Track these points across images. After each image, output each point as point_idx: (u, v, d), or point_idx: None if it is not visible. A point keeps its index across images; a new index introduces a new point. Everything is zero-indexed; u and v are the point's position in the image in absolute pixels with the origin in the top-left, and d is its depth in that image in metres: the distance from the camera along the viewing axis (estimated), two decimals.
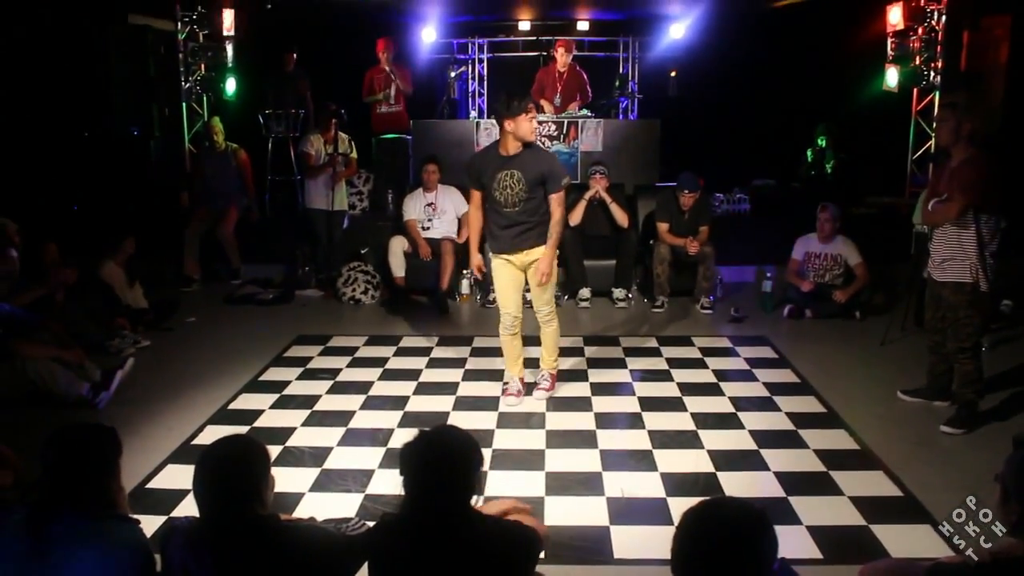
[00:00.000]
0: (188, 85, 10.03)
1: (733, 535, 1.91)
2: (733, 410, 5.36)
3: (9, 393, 5.25)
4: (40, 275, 6.42)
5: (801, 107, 10.65)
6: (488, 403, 5.49)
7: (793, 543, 3.68)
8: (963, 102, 5.02)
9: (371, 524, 2.75)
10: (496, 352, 6.47)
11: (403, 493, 2.43)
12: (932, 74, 9.33)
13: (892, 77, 9.57)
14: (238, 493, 2.39)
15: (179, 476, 4.43)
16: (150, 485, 4.36)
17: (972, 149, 4.83)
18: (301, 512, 3.99)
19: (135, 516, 2.66)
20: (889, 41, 9.60)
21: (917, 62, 9.37)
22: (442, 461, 2.41)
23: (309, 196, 8.76)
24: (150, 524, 3.21)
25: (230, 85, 10.05)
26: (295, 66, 10.52)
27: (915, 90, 9.68)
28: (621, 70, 12.28)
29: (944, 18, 9.17)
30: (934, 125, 4.93)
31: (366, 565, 2.50)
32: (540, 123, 9.38)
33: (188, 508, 4.02)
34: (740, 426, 5.10)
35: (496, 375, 5.98)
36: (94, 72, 9.68)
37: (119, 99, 9.74)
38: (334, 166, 8.55)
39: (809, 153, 10.53)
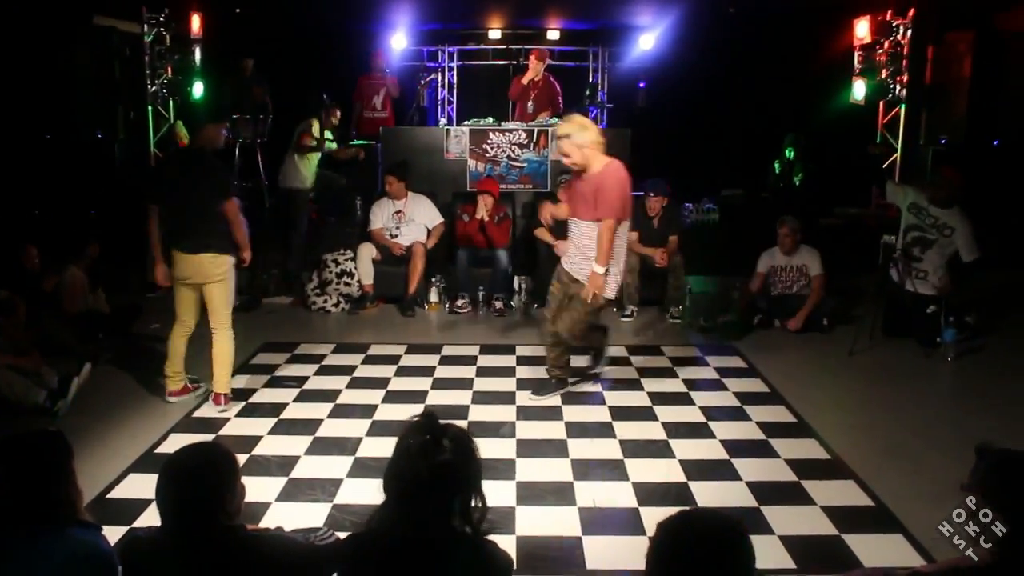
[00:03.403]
0: (154, 88, 9.87)
1: (710, 546, 1.88)
2: (704, 419, 5.35)
3: None
4: (18, 278, 6.32)
5: (769, 119, 10.74)
6: (458, 411, 5.43)
7: (765, 553, 3.66)
8: (572, 130, 5.28)
9: (340, 534, 2.69)
10: (466, 360, 6.46)
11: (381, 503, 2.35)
12: (898, 87, 9.43)
13: (859, 90, 9.66)
14: (203, 502, 2.32)
15: (142, 485, 4.33)
16: (112, 495, 4.26)
17: (601, 164, 5.30)
18: (268, 522, 3.92)
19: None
20: (856, 54, 9.70)
21: (883, 75, 9.47)
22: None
23: (290, 176, 9.13)
24: (111, 534, 3.09)
25: (197, 89, 9.91)
26: (253, 72, 10.46)
27: (881, 103, 9.78)
28: (591, 79, 12.31)
29: (910, 33, 9.27)
30: (563, 158, 5.44)
31: None
32: (510, 131, 9.38)
33: (151, 518, 3.92)
34: (711, 435, 5.09)
35: (467, 383, 5.96)
36: (58, 74, 9.51)
37: (83, 101, 9.57)
38: (321, 149, 9.19)
39: (777, 164, 10.59)
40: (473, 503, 2.38)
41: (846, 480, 4.46)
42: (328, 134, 9.54)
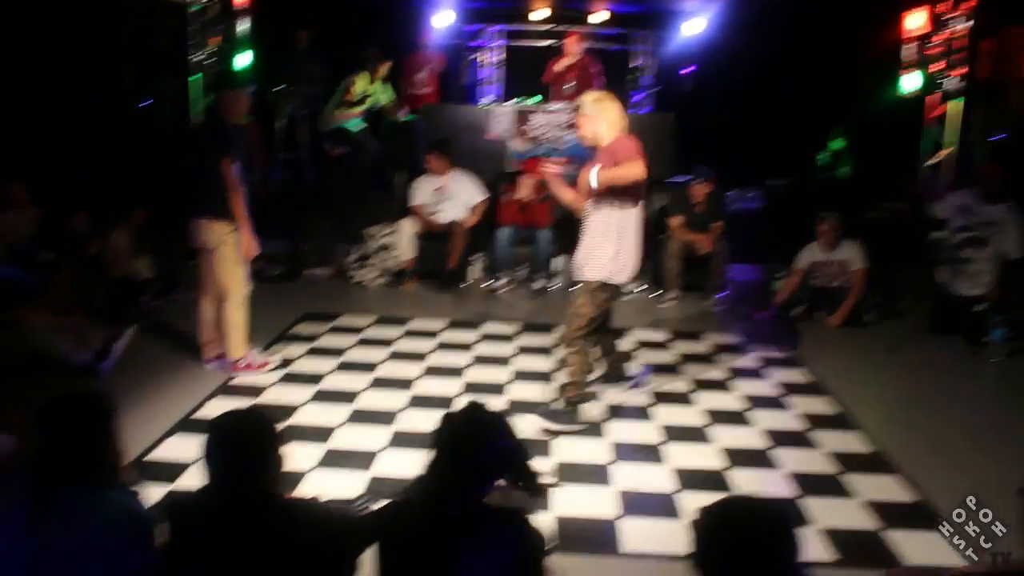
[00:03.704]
0: (198, 58, 9.90)
1: (757, 533, 1.86)
2: (743, 408, 5.29)
3: (10, 360, 5.17)
4: (64, 241, 6.41)
5: (817, 109, 10.56)
6: (496, 388, 5.43)
7: (805, 545, 3.61)
8: (587, 100, 4.83)
9: (377, 505, 2.70)
10: (505, 338, 6.45)
11: (422, 472, 2.36)
12: (950, 81, 9.22)
13: (909, 82, 9.46)
14: (249, 468, 2.32)
15: (181, 448, 4.39)
16: (151, 456, 4.30)
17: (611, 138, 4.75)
18: (305, 490, 3.93)
19: (138, 488, 2.63)
20: (908, 46, 9.49)
21: (936, 68, 9.27)
22: (463, 442, 2.34)
23: (329, 120, 9.74)
24: (151, 495, 3.14)
25: (241, 59, 9.93)
26: (309, 44, 10.45)
27: (932, 97, 9.57)
28: (636, 63, 12.19)
29: (965, 25, 9.06)
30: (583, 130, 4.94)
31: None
32: (553, 112, 9.31)
33: (190, 480, 3.98)
34: (751, 424, 5.03)
35: (505, 361, 5.93)
36: (105, 43, 9.56)
37: (129, 70, 9.64)
38: (362, 104, 9.65)
39: (822, 156, 10.44)
40: (514, 481, 2.39)
41: (889, 475, 4.39)
42: (378, 86, 9.60)
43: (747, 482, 4.26)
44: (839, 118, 10.52)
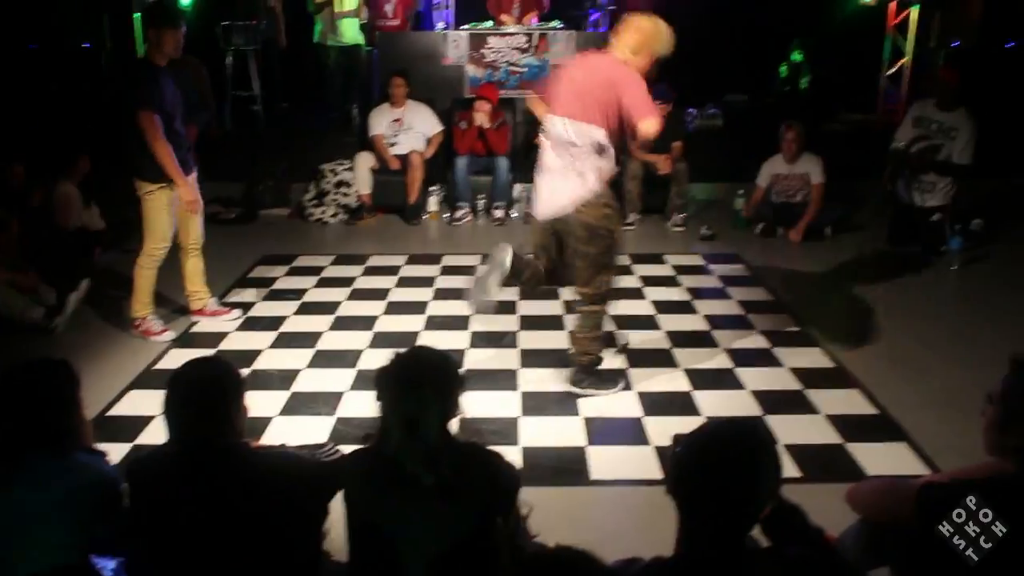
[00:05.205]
0: None
1: (740, 454, 1.82)
2: (707, 328, 5.31)
3: None
4: (5, 195, 6.20)
5: (776, 21, 10.42)
6: (459, 322, 5.39)
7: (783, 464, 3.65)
8: None
9: (345, 448, 2.67)
10: (466, 270, 6.40)
11: (379, 416, 2.31)
12: None
13: None
14: (211, 418, 2.26)
15: (142, 402, 4.32)
16: (112, 412, 4.24)
17: None
18: (271, 437, 3.90)
19: (99, 446, 2.58)
20: None
21: None
22: (421, 382, 2.28)
23: (321, 32, 9.38)
24: (114, 452, 3.09)
25: None
26: None
27: (892, 4, 9.48)
28: None
29: None
30: None
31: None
32: (508, 35, 9.11)
33: (152, 435, 3.93)
34: (714, 344, 5.05)
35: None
36: None
37: (67, 9, 9.30)
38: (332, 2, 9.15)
39: (783, 68, 10.34)
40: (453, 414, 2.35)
41: (850, 389, 4.44)
42: None
43: (713, 403, 4.28)
44: (799, 29, 10.38)
